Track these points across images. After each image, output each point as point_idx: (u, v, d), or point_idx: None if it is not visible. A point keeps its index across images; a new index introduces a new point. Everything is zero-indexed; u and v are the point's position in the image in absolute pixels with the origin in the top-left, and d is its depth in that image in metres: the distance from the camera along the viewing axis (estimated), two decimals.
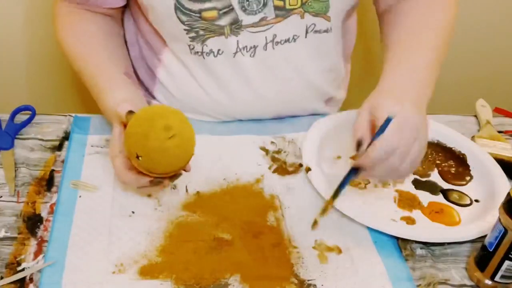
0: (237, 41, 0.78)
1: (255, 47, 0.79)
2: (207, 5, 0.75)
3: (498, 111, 0.97)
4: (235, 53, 0.79)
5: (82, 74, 0.80)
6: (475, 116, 0.95)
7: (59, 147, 0.81)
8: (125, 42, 0.90)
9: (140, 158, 0.63)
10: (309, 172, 0.75)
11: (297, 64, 0.83)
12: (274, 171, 0.79)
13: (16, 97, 1.30)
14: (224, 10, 0.75)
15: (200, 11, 0.75)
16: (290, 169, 0.79)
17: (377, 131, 0.66)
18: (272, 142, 0.84)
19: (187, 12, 0.75)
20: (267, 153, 0.82)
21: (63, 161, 0.78)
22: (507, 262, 0.62)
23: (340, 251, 0.68)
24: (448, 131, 0.87)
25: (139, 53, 0.89)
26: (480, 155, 0.82)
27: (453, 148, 0.85)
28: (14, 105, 0.85)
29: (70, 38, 0.82)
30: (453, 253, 0.69)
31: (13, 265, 0.63)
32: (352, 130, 0.68)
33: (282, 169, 0.79)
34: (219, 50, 0.80)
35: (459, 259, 0.68)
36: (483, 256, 0.64)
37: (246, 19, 0.76)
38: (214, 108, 0.86)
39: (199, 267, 0.64)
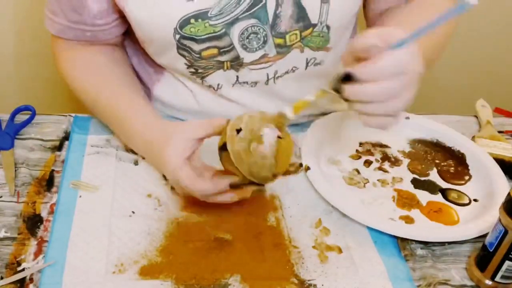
0: (237, 76, 0.78)
1: (255, 83, 0.79)
2: (208, 44, 0.74)
3: (498, 111, 0.97)
4: (233, 84, 0.80)
5: (96, 103, 0.79)
6: (475, 116, 0.95)
7: (59, 147, 0.81)
8: None
9: (239, 133, 0.62)
10: (308, 171, 0.75)
11: (297, 90, 0.82)
12: None
13: (16, 97, 1.30)
14: (225, 49, 0.75)
15: (200, 52, 0.75)
16: (290, 169, 0.79)
17: (398, 42, 0.56)
18: None
19: (189, 50, 0.75)
20: None
21: (63, 161, 0.78)
22: (507, 262, 0.62)
23: (340, 251, 0.68)
24: (448, 131, 0.87)
25: (135, 71, 0.88)
26: (479, 154, 0.82)
27: (452, 148, 0.85)
28: (14, 105, 0.85)
29: (77, 71, 0.81)
30: (453, 253, 0.69)
31: (13, 265, 0.63)
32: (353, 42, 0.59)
33: None
34: (218, 84, 0.80)
35: (459, 259, 0.68)
36: (484, 256, 0.64)
37: (246, 56, 0.76)
38: None
39: (199, 267, 0.64)
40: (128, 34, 0.87)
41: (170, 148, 0.67)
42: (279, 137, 0.65)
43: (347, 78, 0.58)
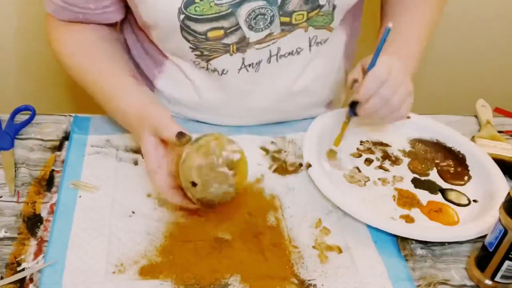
0: (243, 58, 0.78)
1: (259, 62, 0.79)
2: (214, 24, 0.74)
3: (498, 111, 0.97)
4: (239, 69, 0.79)
5: (84, 81, 0.79)
6: (475, 116, 0.95)
7: (59, 147, 0.81)
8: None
9: (197, 187, 0.64)
10: (310, 168, 0.75)
11: (299, 74, 0.83)
12: (274, 171, 0.79)
13: (16, 97, 1.30)
14: (231, 30, 0.75)
15: (205, 32, 0.75)
16: (290, 168, 0.79)
17: (369, 65, 0.74)
18: (272, 142, 0.84)
19: (193, 33, 0.75)
20: (267, 153, 0.82)
21: (63, 161, 0.78)
22: (507, 262, 0.62)
23: (340, 251, 0.68)
24: (448, 131, 0.87)
25: (135, 64, 0.88)
26: (479, 155, 0.82)
27: (452, 148, 0.85)
28: (14, 105, 0.85)
29: (68, 48, 0.81)
30: (453, 253, 0.69)
31: (13, 265, 0.63)
32: (347, 77, 0.78)
33: (282, 168, 0.79)
34: (223, 70, 0.80)
35: (459, 259, 0.68)
36: (483, 256, 0.64)
37: (252, 36, 0.76)
38: (215, 118, 0.87)
39: (199, 267, 0.64)
40: (129, 23, 0.87)
41: (145, 145, 0.68)
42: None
43: (355, 103, 0.76)
